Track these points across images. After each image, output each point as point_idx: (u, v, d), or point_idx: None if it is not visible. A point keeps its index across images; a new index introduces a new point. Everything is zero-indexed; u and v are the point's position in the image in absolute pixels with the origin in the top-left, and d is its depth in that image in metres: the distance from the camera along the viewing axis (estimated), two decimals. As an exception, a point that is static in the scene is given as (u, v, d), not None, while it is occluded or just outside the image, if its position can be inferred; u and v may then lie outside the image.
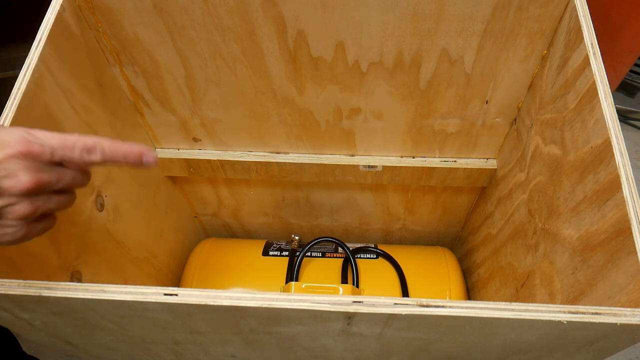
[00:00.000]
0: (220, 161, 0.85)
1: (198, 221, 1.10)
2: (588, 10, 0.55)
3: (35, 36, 0.54)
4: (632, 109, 1.71)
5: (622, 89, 1.73)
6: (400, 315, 0.41)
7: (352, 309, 0.41)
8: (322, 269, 0.92)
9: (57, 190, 0.42)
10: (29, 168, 0.38)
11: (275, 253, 0.95)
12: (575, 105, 0.55)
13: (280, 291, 0.88)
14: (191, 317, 0.46)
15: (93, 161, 0.42)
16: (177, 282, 0.99)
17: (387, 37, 0.62)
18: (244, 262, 0.95)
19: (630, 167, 0.46)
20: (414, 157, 0.84)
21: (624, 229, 0.45)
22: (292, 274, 0.89)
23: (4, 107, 0.50)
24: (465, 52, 0.63)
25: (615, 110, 0.49)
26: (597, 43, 0.53)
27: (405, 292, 0.88)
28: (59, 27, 0.56)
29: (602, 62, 0.52)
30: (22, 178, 0.38)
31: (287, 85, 0.70)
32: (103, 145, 0.42)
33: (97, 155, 0.42)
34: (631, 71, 1.67)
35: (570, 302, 0.54)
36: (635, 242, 0.43)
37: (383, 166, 0.83)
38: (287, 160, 0.84)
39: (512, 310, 0.40)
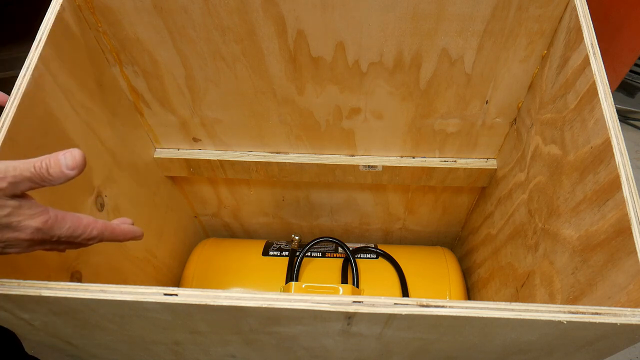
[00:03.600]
0: (220, 161, 0.85)
1: (198, 221, 1.10)
2: (588, 10, 0.55)
3: (35, 36, 0.54)
4: (632, 109, 1.71)
5: (622, 89, 1.72)
6: (400, 315, 0.41)
7: (352, 309, 0.41)
8: (322, 269, 0.92)
9: None
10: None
11: (275, 253, 0.95)
12: (575, 105, 0.55)
13: (280, 291, 0.88)
14: (191, 317, 0.46)
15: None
16: (177, 282, 0.99)
17: (387, 37, 0.62)
18: (244, 262, 0.95)
19: (630, 167, 0.46)
20: (414, 157, 0.84)
21: (624, 229, 0.45)
22: (292, 274, 0.89)
23: (4, 107, 0.50)
24: (465, 52, 0.63)
25: (615, 110, 0.49)
26: (597, 43, 0.53)
27: (405, 292, 0.88)
28: (59, 27, 0.56)
29: (602, 62, 0.52)
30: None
31: (287, 85, 0.70)
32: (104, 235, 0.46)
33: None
34: (631, 71, 1.67)
35: (570, 302, 0.54)
36: (635, 242, 0.43)
37: (383, 166, 0.83)
38: (287, 160, 0.84)
39: (512, 310, 0.40)
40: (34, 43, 0.54)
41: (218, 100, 0.74)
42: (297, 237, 0.95)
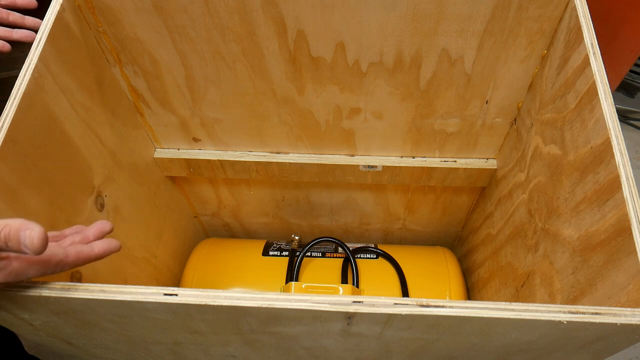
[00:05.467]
0: (220, 161, 0.85)
1: (198, 221, 1.10)
2: (588, 10, 0.55)
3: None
4: (632, 109, 1.71)
5: (622, 89, 1.72)
6: (400, 315, 0.41)
7: (352, 309, 0.41)
8: (322, 269, 0.92)
9: None
10: None
11: (275, 253, 0.95)
12: (575, 105, 0.55)
13: (280, 291, 0.88)
14: (191, 317, 0.46)
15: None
16: (177, 282, 0.99)
17: (387, 37, 0.62)
18: (244, 262, 0.95)
19: (630, 167, 0.46)
20: (414, 157, 0.84)
21: (624, 229, 0.45)
22: (292, 274, 0.89)
23: (4, 107, 0.50)
24: (465, 52, 0.63)
25: (615, 110, 0.49)
26: (597, 43, 0.53)
27: (405, 292, 0.88)
28: (59, 27, 0.56)
29: (602, 62, 0.52)
30: None
31: (287, 85, 0.70)
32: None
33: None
34: (631, 71, 1.67)
35: (570, 302, 0.54)
36: (635, 242, 0.43)
37: (383, 166, 0.83)
38: (287, 160, 0.84)
39: (512, 310, 0.40)
40: (34, 43, 0.54)
41: (218, 100, 0.74)
42: (297, 237, 0.95)
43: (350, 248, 0.92)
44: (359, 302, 0.41)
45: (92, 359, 0.65)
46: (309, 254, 0.94)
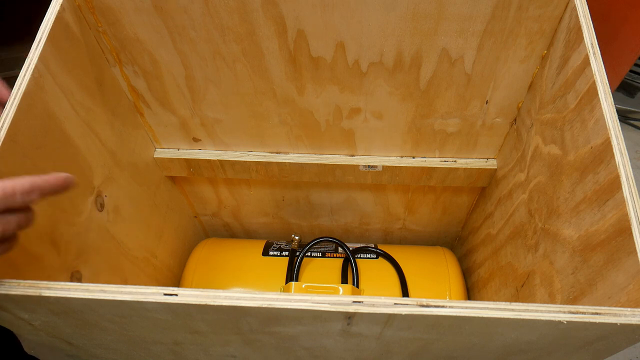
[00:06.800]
0: (220, 161, 0.85)
1: (198, 221, 1.10)
2: (588, 10, 0.55)
3: (35, 36, 0.54)
4: (632, 109, 1.71)
5: (622, 89, 1.72)
6: (400, 315, 0.41)
7: (352, 309, 0.41)
8: (322, 269, 0.92)
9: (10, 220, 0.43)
10: None
11: (275, 253, 0.95)
12: (575, 105, 0.55)
13: (280, 291, 0.88)
14: (191, 317, 0.46)
15: (33, 201, 0.44)
16: (177, 282, 0.99)
17: (387, 37, 0.62)
18: (244, 262, 0.95)
19: (630, 167, 0.46)
20: (414, 157, 0.84)
21: (624, 229, 0.45)
22: (292, 274, 0.89)
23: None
24: (465, 52, 0.63)
25: (615, 110, 0.49)
26: (597, 43, 0.53)
27: (405, 292, 0.88)
28: (59, 27, 0.56)
29: (602, 62, 0.52)
30: None
31: (287, 85, 0.70)
32: (38, 183, 0.44)
33: (36, 195, 0.44)
34: (631, 71, 1.67)
35: (570, 302, 0.54)
36: (635, 242, 0.43)
37: (383, 166, 0.84)
38: (287, 160, 0.84)
39: (512, 310, 0.40)
40: (34, 43, 0.54)
41: (218, 100, 0.74)
42: (297, 237, 0.95)
43: (350, 248, 0.92)
44: (359, 302, 0.41)
45: (92, 359, 0.65)
46: (309, 254, 0.94)
